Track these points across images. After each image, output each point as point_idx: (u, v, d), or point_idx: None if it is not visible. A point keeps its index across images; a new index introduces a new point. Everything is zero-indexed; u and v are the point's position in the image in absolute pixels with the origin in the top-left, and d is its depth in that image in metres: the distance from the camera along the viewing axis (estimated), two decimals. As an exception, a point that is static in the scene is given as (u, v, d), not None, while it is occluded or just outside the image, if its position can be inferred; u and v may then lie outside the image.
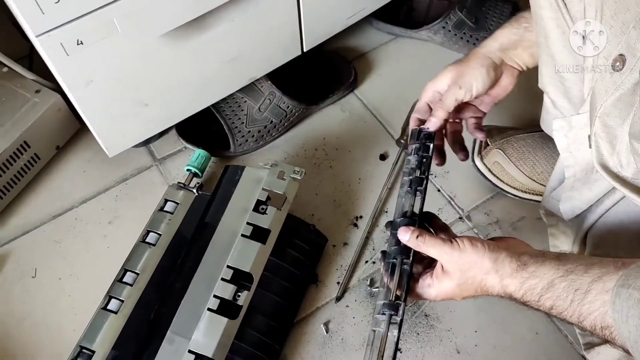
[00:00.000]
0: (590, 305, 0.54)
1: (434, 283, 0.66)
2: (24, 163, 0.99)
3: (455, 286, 0.64)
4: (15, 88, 1.01)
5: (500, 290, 0.62)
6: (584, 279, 0.55)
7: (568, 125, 0.72)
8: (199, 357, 0.75)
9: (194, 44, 0.87)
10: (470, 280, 0.63)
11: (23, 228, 0.99)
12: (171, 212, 0.91)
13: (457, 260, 0.63)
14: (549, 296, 0.58)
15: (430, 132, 0.77)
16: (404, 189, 0.73)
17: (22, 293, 0.92)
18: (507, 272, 0.61)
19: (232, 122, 1.04)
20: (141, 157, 1.06)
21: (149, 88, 0.89)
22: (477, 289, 0.64)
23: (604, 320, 0.53)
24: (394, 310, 0.64)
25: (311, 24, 1.00)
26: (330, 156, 1.05)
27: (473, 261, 0.62)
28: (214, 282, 0.80)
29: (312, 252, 0.92)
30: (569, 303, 0.56)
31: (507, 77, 0.80)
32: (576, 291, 0.55)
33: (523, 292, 0.60)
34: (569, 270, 0.57)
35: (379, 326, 0.65)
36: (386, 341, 0.63)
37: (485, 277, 0.62)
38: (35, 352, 0.87)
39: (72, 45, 0.73)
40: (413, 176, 0.73)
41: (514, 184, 0.97)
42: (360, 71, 1.15)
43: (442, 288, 0.66)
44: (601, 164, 0.61)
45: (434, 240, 0.65)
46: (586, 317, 0.55)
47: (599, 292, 0.54)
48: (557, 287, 0.57)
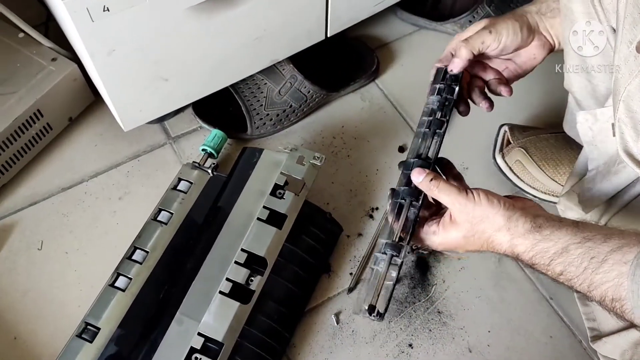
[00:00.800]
0: (605, 275, 0.53)
1: (440, 231, 0.64)
2: (36, 132, 0.97)
3: (461, 237, 0.62)
4: (31, 55, 0.98)
5: (507, 249, 0.60)
6: (601, 248, 0.55)
7: (593, 118, 0.71)
8: (208, 340, 0.74)
9: (221, 19, 0.85)
10: (478, 234, 0.61)
11: (31, 199, 0.97)
12: (184, 192, 0.90)
13: (469, 211, 0.61)
14: (560, 261, 0.57)
15: (455, 73, 0.72)
16: (422, 129, 0.70)
17: (27, 265, 0.90)
18: (519, 232, 0.59)
19: (250, 104, 1.02)
20: (155, 134, 1.04)
21: (170, 62, 0.86)
22: (483, 244, 0.62)
23: (616, 291, 0.52)
24: (396, 251, 0.63)
25: (338, 8, 0.98)
26: (349, 145, 1.03)
27: (486, 215, 0.60)
28: (227, 265, 0.79)
29: (326, 240, 0.90)
30: (582, 270, 0.55)
31: (538, 46, 0.75)
32: (592, 259, 0.54)
33: (533, 254, 0.58)
34: (586, 238, 0.56)
35: (379, 265, 0.63)
36: (384, 281, 0.62)
37: (496, 233, 0.60)
38: (37, 325, 0.85)
39: (98, 11, 0.71)
40: (433, 117, 0.70)
41: (534, 184, 0.95)
42: (383, 61, 1.13)
43: (448, 237, 0.63)
44: (625, 151, 0.59)
45: (448, 186, 0.63)
46: (597, 287, 0.54)
47: (616, 262, 0.53)
48: (572, 253, 0.56)
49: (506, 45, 0.72)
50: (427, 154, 0.67)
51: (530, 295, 0.89)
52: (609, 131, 0.68)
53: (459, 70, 0.72)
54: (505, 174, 0.98)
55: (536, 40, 0.75)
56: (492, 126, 1.02)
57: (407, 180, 0.66)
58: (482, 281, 0.90)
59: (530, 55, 0.76)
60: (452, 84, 0.72)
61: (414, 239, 0.65)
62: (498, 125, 1.01)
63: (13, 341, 0.84)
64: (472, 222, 0.61)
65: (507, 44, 0.72)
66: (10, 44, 1.00)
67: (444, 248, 0.66)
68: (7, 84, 0.95)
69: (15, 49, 0.99)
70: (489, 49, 0.73)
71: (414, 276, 0.90)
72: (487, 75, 0.78)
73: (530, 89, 1.10)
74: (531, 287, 0.89)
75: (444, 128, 0.69)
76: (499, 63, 0.78)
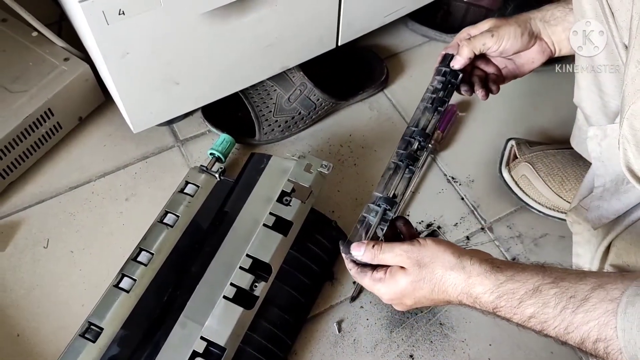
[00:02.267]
0: (587, 314, 0.51)
1: (387, 278, 0.62)
2: (46, 131, 0.98)
3: (409, 283, 0.60)
4: (43, 54, 0.99)
5: (463, 290, 0.58)
6: (579, 287, 0.52)
7: (602, 134, 0.71)
8: (210, 344, 0.74)
9: (234, 25, 0.85)
10: (428, 277, 0.59)
11: (38, 197, 0.97)
12: (191, 195, 0.90)
13: (416, 254, 0.60)
14: (532, 302, 0.54)
15: (456, 69, 0.78)
16: (424, 103, 0.76)
17: (33, 263, 0.91)
18: (476, 271, 0.57)
19: (259, 109, 1.02)
20: (163, 137, 1.05)
21: (182, 66, 0.87)
22: (434, 287, 0.59)
23: (601, 331, 0.50)
24: (390, 205, 0.65)
25: (350, 17, 0.99)
26: (356, 154, 1.04)
27: (435, 255, 0.59)
28: (231, 270, 0.79)
29: (331, 248, 0.90)
30: (559, 311, 0.52)
31: (537, 52, 0.79)
32: (570, 298, 0.52)
33: (497, 295, 0.56)
34: (559, 278, 0.54)
35: (370, 214, 0.66)
36: (373, 232, 0.64)
37: (448, 273, 0.58)
38: (40, 323, 0.86)
39: (114, 15, 0.72)
40: (436, 95, 0.76)
41: (540, 199, 0.96)
42: (392, 71, 1.14)
43: (395, 285, 0.61)
44: (628, 167, 0.59)
45: (390, 244, 0.62)
46: (578, 328, 0.51)
47: (601, 300, 0.50)
48: (546, 293, 0.53)
49: (506, 48, 0.77)
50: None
51: (533, 310, 0.89)
52: (616, 148, 0.68)
53: (460, 67, 0.78)
54: (511, 188, 0.98)
55: (537, 45, 0.79)
56: (499, 140, 1.02)
57: (405, 146, 0.72)
58: (484, 294, 0.90)
59: (529, 58, 0.81)
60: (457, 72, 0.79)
61: (362, 281, 0.65)
62: (505, 139, 1.01)
63: (16, 338, 0.84)
64: (420, 264, 0.59)
65: (507, 48, 0.77)
66: (24, 42, 1.01)
67: (390, 298, 0.64)
68: (19, 82, 0.96)
69: (29, 47, 1.00)
70: (489, 50, 0.78)
71: (417, 287, 0.90)
72: (489, 68, 0.83)
73: (537, 105, 1.10)
74: (533, 302, 0.89)
75: (445, 107, 0.76)
76: (500, 61, 0.83)
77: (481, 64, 0.83)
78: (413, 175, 0.70)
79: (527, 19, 0.78)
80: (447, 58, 0.79)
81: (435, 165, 1.03)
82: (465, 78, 0.80)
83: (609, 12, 0.64)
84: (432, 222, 0.96)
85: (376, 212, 0.67)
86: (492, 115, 1.09)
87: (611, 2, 0.63)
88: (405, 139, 0.73)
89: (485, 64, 0.83)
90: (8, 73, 0.97)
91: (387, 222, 0.66)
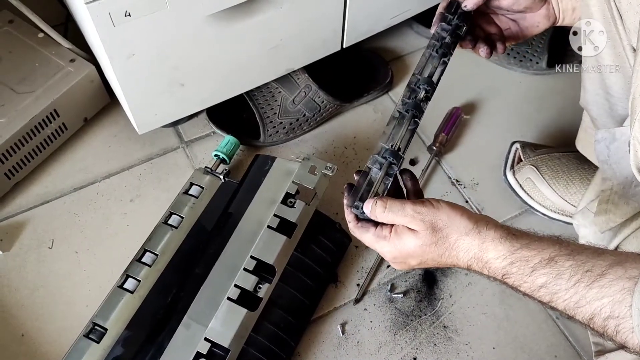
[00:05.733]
0: (602, 290, 0.50)
1: (392, 237, 0.59)
2: (51, 132, 0.98)
3: (417, 246, 0.57)
4: (49, 55, 0.99)
5: (475, 255, 0.56)
6: (597, 262, 0.51)
7: (611, 137, 0.70)
8: (214, 345, 0.74)
9: (239, 27, 0.85)
10: (441, 241, 0.57)
11: (43, 197, 0.98)
12: (196, 196, 0.90)
13: (430, 218, 0.57)
14: (545, 272, 0.53)
15: (469, 10, 0.72)
16: (429, 50, 0.70)
17: (37, 263, 0.91)
18: (490, 236, 0.55)
19: (264, 111, 1.02)
20: (168, 138, 1.05)
21: (187, 68, 0.87)
22: (444, 252, 0.57)
23: (614, 309, 0.49)
24: (396, 158, 0.62)
25: (355, 20, 0.99)
26: (360, 156, 1.04)
27: (450, 219, 0.56)
28: (235, 272, 0.79)
29: (335, 250, 0.90)
30: (573, 284, 0.51)
31: (544, 15, 0.76)
32: (586, 272, 0.51)
33: (509, 262, 0.54)
34: (576, 251, 0.53)
35: (375, 165, 0.63)
36: (379, 185, 0.61)
37: (462, 238, 0.56)
38: (44, 323, 0.86)
39: (120, 16, 0.72)
40: (442, 42, 0.71)
41: (545, 202, 0.95)
42: (397, 73, 1.14)
43: (401, 245, 0.58)
44: (638, 168, 0.58)
45: (401, 203, 0.58)
46: (589, 302, 0.50)
47: (618, 277, 0.49)
48: (561, 265, 0.52)
49: (519, 0, 0.73)
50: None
51: (536, 314, 0.89)
52: (625, 152, 0.67)
53: (472, 6, 0.72)
54: (516, 191, 0.98)
55: (544, 9, 0.75)
56: (504, 143, 1.02)
57: (410, 94, 0.68)
58: (488, 298, 0.90)
59: (534, 22, 0.77)
60: (463, 19, 0.73)
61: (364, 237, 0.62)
62: (510, 142, 1.01)
63: (20, 338, 0.84)
64: (434, 228, 0.57)
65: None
66: (30, 43, 1.01)
67: (394, 257, 0.60)
68: (25, 83, 0.96)
69: (35, 48, 1.00)
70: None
71: (421, 289, 0.90)
72: (491, 29, 0.79)
73: (542, 108, 1.10)
74: (537, 306, 0.88)
75: (449, 58, 0.71)
76: (504, 21, 0.78)
77: (483, 23, 0.78)
78: (417, 127, 0.66)
79: None
80: (452, 5, 0.73)
81: (439, 167, 1.03)
82: (470, 30, 0.75)
83: (617, 14, 0.64)
84: (436, 224, 0.96)
85: (381, 165, 0.63)
86: (497, 118, 1.09)
87: (619, 5, 0.63)
88: (411, 87, 0.68)
89: (488, 24, 0.78)
90: (14, 74, 0.97)
91: (392, 177, 0.63)
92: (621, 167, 0.70)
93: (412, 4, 1.06)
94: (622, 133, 0.68)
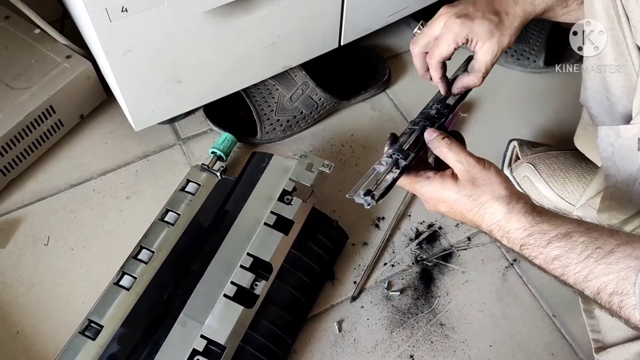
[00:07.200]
0: (609, 267, 0.52)
1: (436, 179, 0.63)
2: (47, 128, 0.98)
3: (455, 194, 0.61)
4: (46, 51, 0.99)
5: (499, 221, 0.59)
6: (608, 240, 0.54)
7: (615, 134, 0.71)
8: (210, 342, 0.74)
9: (237, 24, 0.85)
10: (475, 196, 0.60)
11: (39, 194, 0.97)
12: (192, 193, 0.90)
13: (476, 172, 0.61)
14: (560, 245, 0.56)
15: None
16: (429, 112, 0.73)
17: (33, 260, 0.91)
18: (517, 209, 0.59)
19: (261, 108, 1.02)
20: (165, 135, 1.05)
21: (184, 64, 0.87)
22: (473, 209, 0.61)
23: (619, 285, 0.51)
24: (404, 155, 0.64)
25: (352, 17, 0.98)
26: (357, 154, 1.03)
27: (490, 182, 0.60)
28: (232, 269, 0.79)
29: (332, 248, 0.90)
30: (584, 258, 0.54)
31: None
32: (597, 249, 0.54)
33: (529, 233, 0.58)
34: (591, 229, 0.56)
35: (382, 163, 0.64)
36: (385, 176, 0.63)
37: (492, 202, 0.60)
38: (40, 320, 0.85)
39: (117, 12, 0.72)
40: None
41: (542, 200, 0.95)
42: (394, 71, 1.13)
43: (441, 190, 0.62)
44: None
45: (459, 147, 0.63)
46: (597, 277, 0.53)
47: (625, 256, 0.52)
48: (575, 240, 0.55)
49: None
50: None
51: (533, 312, 0.88)
52: (630, 149, 0.68)
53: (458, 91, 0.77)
54: (513, 189, 0.98)
55: None
56: (502, 141, 1.02)
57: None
58: (485, 295, 0.90)
59: None
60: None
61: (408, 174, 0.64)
62: (507, 140, 1.01)
63: (16, 335, 0.84)
64: (475, 183, 0.61)
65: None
66: (26, 39, 1.01)
67: (429, 197, 0.64)
68: (21, 79, 0.96)
69: (31, 44, 1.00)
70: None
71: (418, 287, 0.90)
72: None
73: (540, 106, 1.10)
74: (534, 303, 0.89)
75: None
76: None
77: None
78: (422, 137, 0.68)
79: None
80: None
81: (437, 165, 1.03)
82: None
83: (622, 13, 0.64)
84: (434, 222, 0.96)
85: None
86: (495, 116, 1.09)
87: (626, 4, 0.63)
88: (424, 111, 0.72)
89: None
90: (10, 70, 0.97)
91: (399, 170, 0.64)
92: (625, 164, 0.70)
93: (410, 1, 1.05)
94: (627, 130, 0.68)
